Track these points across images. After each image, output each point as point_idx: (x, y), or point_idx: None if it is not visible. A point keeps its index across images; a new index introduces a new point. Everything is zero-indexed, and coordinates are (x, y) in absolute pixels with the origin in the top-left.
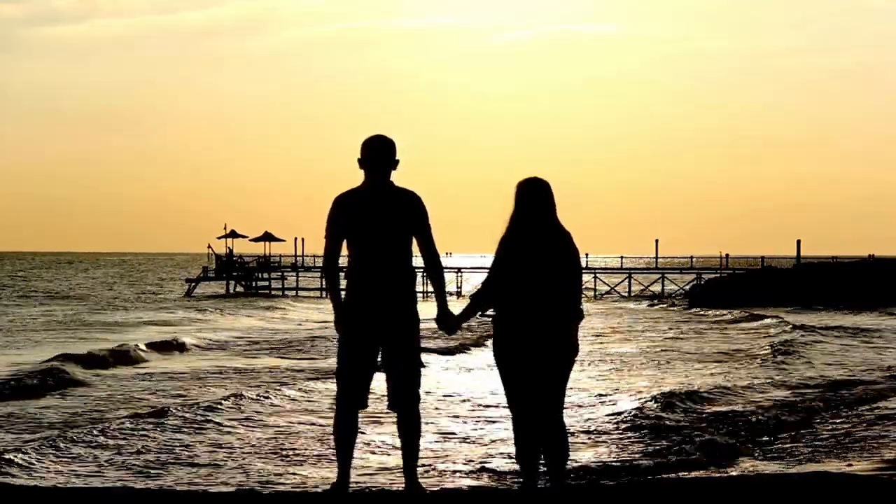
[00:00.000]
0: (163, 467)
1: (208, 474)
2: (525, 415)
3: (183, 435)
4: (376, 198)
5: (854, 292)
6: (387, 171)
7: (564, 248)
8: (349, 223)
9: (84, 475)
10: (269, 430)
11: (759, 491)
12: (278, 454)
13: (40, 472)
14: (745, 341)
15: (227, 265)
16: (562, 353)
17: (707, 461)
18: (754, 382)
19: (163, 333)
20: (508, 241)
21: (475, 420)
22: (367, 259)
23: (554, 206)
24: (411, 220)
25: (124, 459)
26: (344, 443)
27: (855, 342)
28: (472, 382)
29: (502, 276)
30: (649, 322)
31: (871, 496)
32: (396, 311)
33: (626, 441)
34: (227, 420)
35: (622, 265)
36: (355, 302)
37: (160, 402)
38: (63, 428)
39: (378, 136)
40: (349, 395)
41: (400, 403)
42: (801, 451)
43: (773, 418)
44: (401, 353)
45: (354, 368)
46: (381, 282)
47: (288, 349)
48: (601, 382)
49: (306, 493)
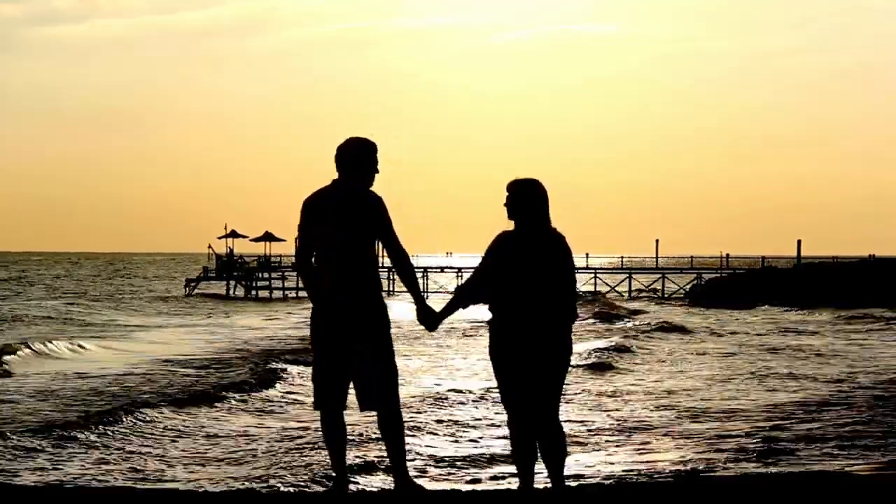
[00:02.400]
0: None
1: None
2: (521, 415)
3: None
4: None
5: (854, 292)
6: (348, 173)
7: (558, 250)
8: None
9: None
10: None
11: (760, 491)
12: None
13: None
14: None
15: (228, 265)
16: (557, 354)
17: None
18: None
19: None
20: (501, 242)
21: (469, 420)
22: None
23: (547, 207)
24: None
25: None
26: (334, 444)
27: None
28: (464, 383)
29: (492, 276)
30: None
31: (871, 496)
32: (364, 310)
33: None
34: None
35: (622, 265)
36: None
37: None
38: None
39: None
40: (326, 397)
41: (375, 402)
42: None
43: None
44: (372, 352)
45: (329, 370)
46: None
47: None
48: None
49: (306, 493)
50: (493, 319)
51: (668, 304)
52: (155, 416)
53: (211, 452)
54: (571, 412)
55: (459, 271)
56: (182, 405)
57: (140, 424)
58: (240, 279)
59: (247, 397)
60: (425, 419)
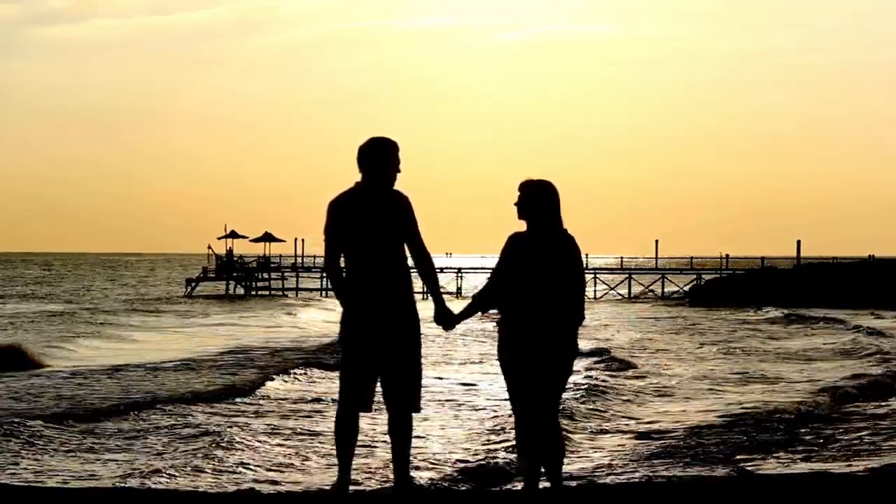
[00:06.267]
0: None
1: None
2: (527, 415)
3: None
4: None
5: (854, 292)
6: (371, 173)
7: (568, 251)
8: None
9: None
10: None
11: (760, 490)
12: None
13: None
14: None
15: (228, 265)
16: (564, 356)
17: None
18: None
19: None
20: (513, 242)
21: (475, 420)
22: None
23: (559, 209)
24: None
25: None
26: (344, 443)
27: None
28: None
29: (507, 278)
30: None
31: (870, 496)
32: (398, 311)
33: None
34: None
35: (622, 266)
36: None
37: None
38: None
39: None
40: (351, 397)
41: (398, 404)
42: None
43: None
44: (406, 354)
45: (361, 371)
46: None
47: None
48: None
49: (306, 493)
50: (502, 318)
51: (667, 304)
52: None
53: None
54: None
55: (459, 271)
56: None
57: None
58: (239, 279)
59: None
60: (426, 416)
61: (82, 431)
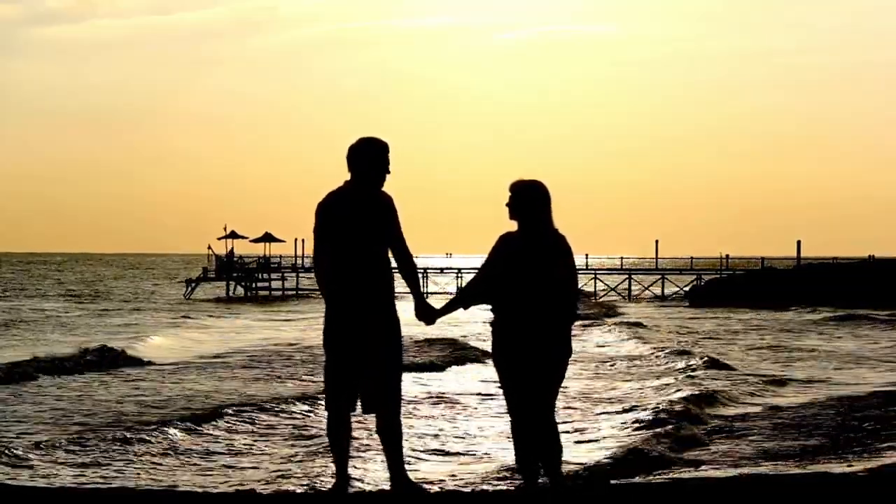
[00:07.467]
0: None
1: None
2: (523, 415)
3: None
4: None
5: (854, 292)
6: (360, 174)
7: (559, 250)
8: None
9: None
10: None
11: (760, 490)
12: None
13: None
14: None
15: (228, 266)
16: (559, 355)
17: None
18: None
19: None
20: (504, 242)
21: (470, 420)
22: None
23: (549, 209)
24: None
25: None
26: (337, 445)
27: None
28: (464, 385)
29: (495, 277)
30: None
31: (870, 496)
32: (378, 313)
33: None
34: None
35: (622, 266)
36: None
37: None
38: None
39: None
40: (337, 398)
41: (378, 405)
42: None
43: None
44: (385, 356)
45: (341, 372)
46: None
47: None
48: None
49: (306, 494)
50: (495, 320)
51: (667, 305)
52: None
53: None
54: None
55: (459, 272)
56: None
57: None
58: (239, 280)
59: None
60: (425, 415)
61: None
